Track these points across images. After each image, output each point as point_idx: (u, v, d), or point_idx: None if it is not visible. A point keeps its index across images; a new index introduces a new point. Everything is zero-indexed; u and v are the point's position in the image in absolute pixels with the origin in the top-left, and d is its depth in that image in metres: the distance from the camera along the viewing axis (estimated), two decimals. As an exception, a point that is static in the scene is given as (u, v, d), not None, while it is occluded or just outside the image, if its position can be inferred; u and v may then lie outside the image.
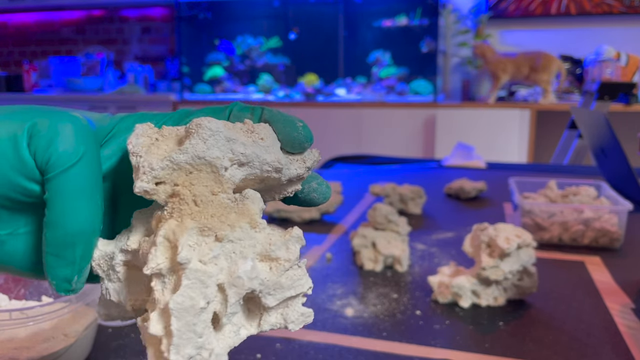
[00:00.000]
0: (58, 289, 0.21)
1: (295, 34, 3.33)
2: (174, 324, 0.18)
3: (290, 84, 3.34)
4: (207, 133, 0.20)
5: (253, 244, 0.20)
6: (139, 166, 0.20)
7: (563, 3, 2.89)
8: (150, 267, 0.19)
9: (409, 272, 0.68)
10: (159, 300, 0.19)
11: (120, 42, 3.73)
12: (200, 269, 0.19)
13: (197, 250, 0.19)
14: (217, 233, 0.20)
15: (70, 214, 0.20)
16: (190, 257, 0.19)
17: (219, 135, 0.20)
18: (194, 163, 0.20)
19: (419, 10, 3.10)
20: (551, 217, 0.79)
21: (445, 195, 1.10)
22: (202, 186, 0.20)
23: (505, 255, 0.56)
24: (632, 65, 2.62)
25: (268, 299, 0.21)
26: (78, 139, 0.20)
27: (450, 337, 0.51)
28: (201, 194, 0.20)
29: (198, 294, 0.19)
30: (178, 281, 0.19)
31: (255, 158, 0.21)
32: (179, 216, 0.20)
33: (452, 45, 3.11)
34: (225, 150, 0.20)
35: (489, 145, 2.61)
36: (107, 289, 0.22)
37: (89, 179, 0.20)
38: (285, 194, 0.24)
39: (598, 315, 0.55)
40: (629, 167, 0.95)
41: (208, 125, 0.20)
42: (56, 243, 0.20)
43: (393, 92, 3.07)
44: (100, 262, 0.21)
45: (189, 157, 0.20)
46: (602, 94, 1.96)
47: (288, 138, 0.22)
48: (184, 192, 0.20)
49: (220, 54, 3.41)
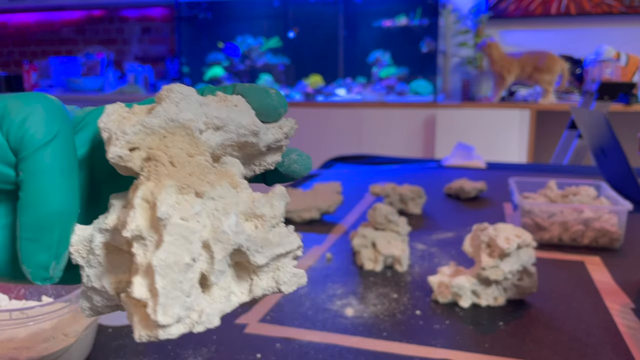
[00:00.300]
0: (34, 277, 0.20)
1: (295, 33, 3.33)
2: (159, 282, 0.18)
3: (290, 84, 3.34)
4: (178, 96, 0.20)
5: (235, 202, 0.20)
6: (111, 135, 0.19)
7: (563, 3, 2.89)
8: (130, 229, 0.18)
9: (409, 272, 0.68)
10: (140, 263, 0.18)
11: (121, 42, 3.73)
12: (182, 224, 0.18)
13: (177, 209, 0.19)
14: (197, 189, 0.19)
15: (46, 193, 0.19)
16: (171, 213, 0.18)
17: (190, 99, 0.20)
18: (167, 126, 0.20)
19: (419, 10, 3.10)
20: (551, 217, 0.79)
21: (445, 195, 1.10)
22: (177, 149, 0.20)
23: (505, 255, 0.56)
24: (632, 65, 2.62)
25: (257, 256, 0.20)
26: (52, 118, 0.20)
27: (450, 337, 0.51)
28: (177, 155, 0.20)
29: (182, 250, 0.18)
30: (160, 239, 0.18)
31: (230, 121, 0.21)
32: (156, 178, 0.19)
33: (452, 45, 3.11)
34: (198, 114, 0.20)
35: (489, 145, 2.61)
36: (88, 275, 0.20)
37: (64, 158, 0.20)
38: (266, 166, 0.23)
39: (598, 315, 0.55)
40: (628, 167, 0.95)
41: (179, 89, 0.20)
42: (32, 226, 0.19)
43: (393, 92, 3.07)
44: (79, 247, 0.20)
45: (162, 120, 0.19)
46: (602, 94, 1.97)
47: (262, 105, 0.22)
48: (159, 154, 0.20)
49: (220, 54, 3.41)
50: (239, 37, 3.40)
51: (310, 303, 0.59)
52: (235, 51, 3.33)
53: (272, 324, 0.54)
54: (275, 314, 0.56)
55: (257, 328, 0.53)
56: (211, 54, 3.43)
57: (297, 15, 3.36)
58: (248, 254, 0.20)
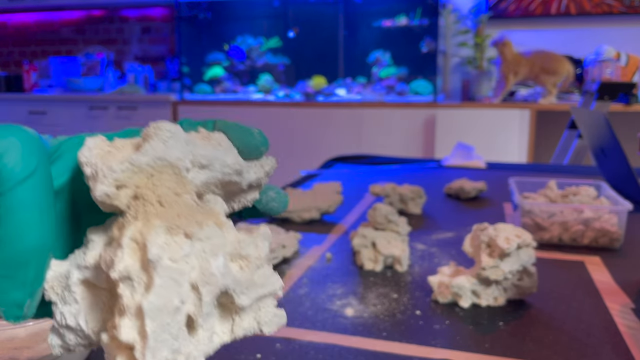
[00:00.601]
0: (7, 316, 0.19)
1: (295, 33, 3.33)
2: (149, 325, 0.17)
3: (290, 84, 3.34)
4: (166, 134, 0.20)
5: (222, 242, 0.20)
6: (97, 171, 0.19)
7: (563, 3, 2.89)
8: (118, 270, 0.18)
9: (409, 272, 0.68)
10: (128, 305, 0.18)
11: (120, 42, 3.74)
12: (172, 267, 0.18)
13: (166, 250, 0.18)
14: (186, 230, 0.19)
15: (22, 229, 0.19)
16: (161, 255, 0.18)
17: (178, 137, 0.20)
18: (155, 165, 0.19)
19: (419, 10, 3.11)
20: (551, 217, 0.79)
21: (445, 195, 1.10)
22: (165, 188, 0.20)
23: (505, 255, 0.56)
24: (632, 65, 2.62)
25: (242, 298, 0.20)
26: (29, 153, 0.19)
27: (450, 337, 0.51)
28: (165, 194, 0.20)
29: (172, 292, 0.18)
30: (149, 281, 0.18)
31: (215, 160, 0.21)
32: (144, 217, 0.19)
33: (452, 45, 3.11)
34: (185, 152, 0.20)
35: (489, 145, 2.61)
36: (62, 313, 0.20)
37: (42, 192, 0.19)
38: (245, 203, 0.23)
39: (598, 315, 0.55)
40: (628, 167, 0.95)
41: (167, 127, 0.20)
42: (7, 263, 0.19)
43: (393, 92, 3.07)
44: (54, 283, 0.20)
45: (150, 158, 0.19)
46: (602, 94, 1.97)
47: (244, 143, 0.22)
48: (147, 193, 0.19)
49: (220, 54, 3.41)
50: (239, 37, 3.40)
51: (310, 303, 0.59)
52: (240, 53, 3.33)
53: (272, 324, 0.54)
54: (275, 314, 0.56)
55: (257, 328, 0.53)
56: (211, 54, 3.43)
57: (297, 15, 3.36)
58: (234, 296, 0.20)
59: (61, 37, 3.83)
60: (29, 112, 3.38)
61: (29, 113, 3.38)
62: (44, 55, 3.83)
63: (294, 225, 0.88)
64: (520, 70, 2.64)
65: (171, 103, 3.15)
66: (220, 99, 3.15)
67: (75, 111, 3.28)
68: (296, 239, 0.75)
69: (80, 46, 3.78)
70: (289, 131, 2.96)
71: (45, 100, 3.36)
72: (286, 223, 0.89)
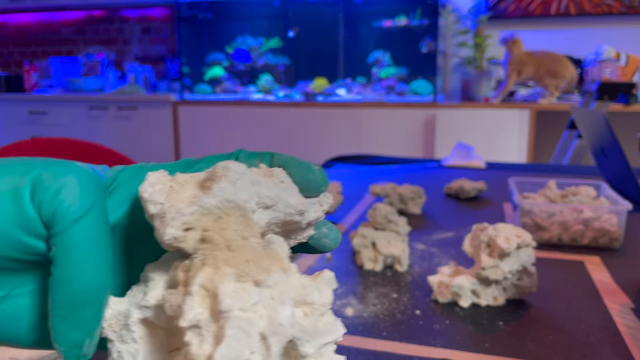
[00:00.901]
0: (67, 356, 0.19)
1: (295, 33, 3.34)
2: None
3: (290, 84, 3.34)
4: (234, 176, 0.19)
5: (288, 289, 0.19)
6: (164, 213, 0.19)
7: (563, 3, 2.89)
8: (188, 319, 0.18)
9: (408, 272, 0.68)
10: (197, 355, 0.18)
11: (121, 42, 3.74)
12: (243, 317, 0.18)
13: (237, 299, 0.18)
14: (255, 278, 0.19)
15: (80, 270, 0.18)
16: (233, 305, 0.18)
17: (245, 178, 0.20)
18: (223, 207, 0.19)
19: (419, 10, 3.11)
20: (551, 217, 0.79)
21: (445, 195, 1.10)
22: (232, 231, 0.19)
23: (505, 255, 0.56)
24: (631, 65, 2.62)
25: (306, 346, 0.19)
26: (85, 190, 0.19)
27: (450, 337, 0.51)
28: (233, 238, 0.19)
29: (243, 344, 0.17)
30: (220, 332, 0.18)
31: (279, 201, 0.20)
32: (213, 263, 0.19)
33: (452, 46, 3.11)
34: (252, 193, 0.20)
35: (489, 145, 2.62)
36: (120, 352, 0.20)
37: (98, 231, 0.19)
38: (300, 240, 0.23)
39: (598, 315, 0.55)
40: (628, 167, 0.95)
41: (235, 168, 0.19)
42: (66, 304, 0.18)
43: (393, 92, 3.07)
44: (112, 322, 0.20)
45: (218, 200, 0.19)
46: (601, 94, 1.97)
47: (304, 181, 0.22)
48: (215, 237, 0.19)
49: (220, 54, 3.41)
50: (239, 37, 3.40)
51: (310, 303, 0.59)
52: (245, 56, 3.32)
53: (273, 323, 0.54)
54: (275, 313, 0.56)
55: (257, 328, 0.53)
56: (211, 54, 3.43)
57: (297, 15, 3.37)
58: (298, 344, 0.19)
59: (61, 37, 3.83)
60: (29, 112, 3.38)
61: (29, 113, 3.38)
62: (45, 56, 3.83)
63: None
64: (525, 70, 2.63)
65: (171, 103, 3.15)
66: (221, 99, 3.15)
67: (75, 111, 3.29)
68: (296, 239, 0.75)
69: (80, 46, 3.78)
70: (289, 131, 2.96)
71: (45, 100, 3.36)
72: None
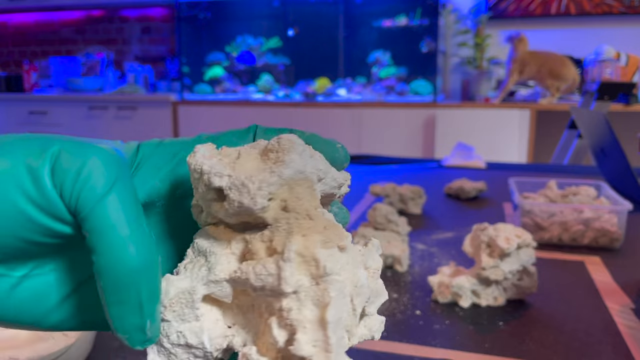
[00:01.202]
0: (132, 343, 0.18)
1: (295, 33, 3.33)
2: (332, 338, 0.17)
3: (290, 84, 3.34)
4: (299, 148, 0.20)
5: (356, 254, 0.20)
6: (244, 183, 0.19)
7: (563, 3, 2.89)
8: (291, 284, 0.18)
9: (409, 272, 0.68)
10: (297, 319, 0.18)
11: (120, 42, 3.74)
12: (339, 279, 0.18)
13: (332, 262, 0.18)
14: (339, 244, 0.19)
15: (119, 248, 0.17)
16: (334, 269, 0.18)
17: (307, 151, 0.20)
18: (296, 178, 0.19)
19: (419, 10, 3.11)
20: (551, 217, 0.79)
21: (445, 195, 1.10)
22: (307, 201, 0.20)
23: (505, 255, 0.56)
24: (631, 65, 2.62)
25: (371, 307, 0.20)
26: (108, 168, 0.18)
27: (450, 337, 0.51)
28: (310, 207, 0.20)
29: (342, 305, 0.18)
30: (323, 294, 0.18)
31: (327, 174, 0.21)
32: (299, 231, 0.19)
33: (452, 45, 3.11)
34: (313, 166, 0.20)
35: (489, 145, 2.61)
36: (181, 331, 0.19)
37: (128, 206, 0.18)
38: None
39: (598, 315, 0.55)
40: (628, 167, 0.95)
41: (298, 141, 0.20)
42: (116, 289, 0.18)
43: (393, 92, 3.07)
44: (173, 301, 0.19)
45: (293, 171, 0.19)
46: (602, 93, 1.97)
47: (329, 157, 0.22)
48: (297, 206, 0.19)
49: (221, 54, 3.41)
50: (238, 37, 3.40)
51: (310, 303, 0.59)
52: (251, 58, 3.32)
53: (272, 324, 0.54)
54: (275, 314, 0.56)
55: (257, 328, 0.53)
56: (211, 54, 3.43)
57: (297, 15, 3.37)
58: (366, 306, 0.20)
59: (61, 37, 3.83)
60: (29, 112, 3.38)
61: (29, 113, 3.38)
62: (44, 55, 3.83)
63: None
64: (527, 69, 2.62)
65: (171, 103, 3.15)
66: (220, 99, 3.15)
67: (75, 111, 3.28)
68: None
69: (80, 46, 3.78)
70: (289, 131, 2.96)
71: (45, 100, 3.36)
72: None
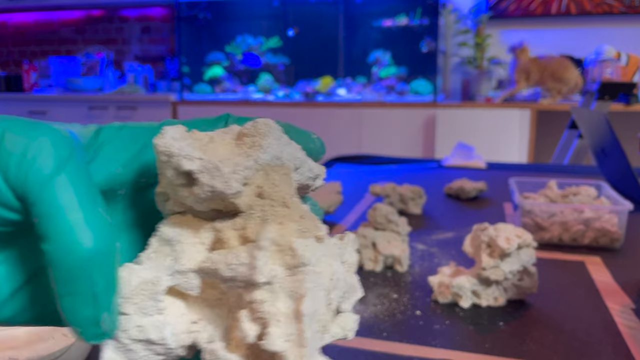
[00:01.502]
0: (86, 337, 0.17)
1: (295, 33, 3.33)
2: (307, 332, 0.16)
3: (290, 83, 3.34)
4: (277, 133, 0.19)
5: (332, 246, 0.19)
6: (217, 167, 0.17)
7: (563, 3, 2.89)
8: (265, 274, 0.17)
9: (409, 272, 0.68)
10: (270, 312, 0.17)
11: (120, 42, 3.74)
12: (317, 272, 0.17)
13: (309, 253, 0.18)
14: (316, 234, 0.18)
15: (71, 234, 0.16)
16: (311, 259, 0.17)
17: (284, 137, 0.19)
18: (272, 164, 0.18)
19: (419, 10, 3.10)
20: (551, 217, 0.79)
21: (445, 195, 1.10)
22: (283, 188, 0.19)
23: (506, 255, 0.56)
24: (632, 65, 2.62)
25: (346, 303, 0.19)
26: (58, 148, 0.16)
27: (450, 337, 0.51)
28: (286, 195, 0.19)
29: (318, 298, 0.17)
30: (299, 286, 0.17)
31: (304, 163, 0.20)
32: (275, 219, 0.18)
33: (452, 45, 3.11)
34: (290, 152, 0.19)
35: (489, 145, 2.61)
36: (141, 326, 0.17)
37: (81, 188, 0.16)
38: None
39: (598, 315, 0.55)
40: (629, 167, 0.95)
41: (275, 126, 0.19)
42: (68, 278, 0.16)
43: (393, 92, 3.07)
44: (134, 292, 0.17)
45: (270, 157, 0.18)
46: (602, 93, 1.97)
47: (306, 148, 0.21)
48: (273, 193, 0.18)
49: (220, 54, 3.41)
50: (238, 36, 3.40)
51: (310, 303, 0.59)
52: (256, 61, 3.31)
53: (272, 324, 0.54)
54: (275, 314, 0.56)
55: (257, 328, 0.53)
56: (211, 54, 3.43)
57: (297, 15, 3.36)
58: (341, 301, 0.19)
59: (61, 37, 3.83)
60: (29, 112, 3.38)
61: (28, 113, 3.37)
62: (44, 55, 3.83)
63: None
64: (531, 77, 2.62)
65: (171, 103, 3.15)
66: (220, 99, 3.15)
67: (75, 111, 3.28)
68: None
69: (80, 46, 3.78)
70: (289, 131, 2.96)
71: (45, 100, 3.36)
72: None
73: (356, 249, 0.21)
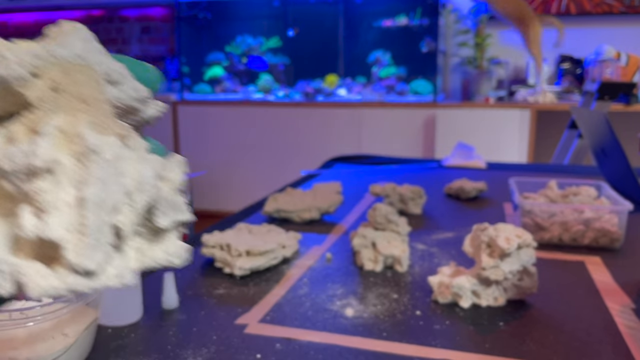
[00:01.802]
0: None
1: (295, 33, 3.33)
2: (90, 219, 0.15)
3: (290, 83, 3.34)
4: (84, 35, 0.18)
5: (146, 154, 0.18)
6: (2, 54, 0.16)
7: (563, 3, 2.89)
8: (42, 158, 0.16)
9: (409, 272, 0.68)
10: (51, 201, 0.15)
11: (120, 42, 3.73)
12: (113, 164, 0.16)
13: (104, 143, 0.16)
14: (118, 132, 0.17)
15: None
16: (103, 148, 0.16)
17: (95, 43, 0.18)
18: (74, 62, 0.17)
19: (419, 10, 3.10)
20: (551, 217, 0.79)
21: (445, 196, 1.10)
22: (86, 88, 0.18)
23: (506, 256, 0.56)
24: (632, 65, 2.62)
25: (163, 218, 0.18)
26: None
27: (450, 338, 0.51)
28: (88, 95, 0.17)
29: (112, 190, 0.16)
30: (86, 174, 0.16)
31: (126, 81, 0.19)
32: (68, 111, 0.17)
33: (452, 45, 3.11)
34: (101, 60, 0.18)
35: (489, 145, 2.61)
36: None
37: None
38: None
39: (598, 315, 0.55)
40: (629, 167, 0.95)
41: (85, 29, 0.18)
42: None
43: (393, 92, 3.07)
44: None
45: (69, 53, 0.17)
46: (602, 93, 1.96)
47: (141, 78, 0.21)
48: (69, 88, 0.17)
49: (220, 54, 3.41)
50: (238, 37, 3.40)
51: (310, 303, 0.59)
52: (262, 64, 3.31)
53: (272, 324, 0.54)
54: (275, 314, 0.56)
55: (257, 328, 0.53)
56: (211, 54, 3.43)
57: (297, 15, 3.36)
58: (156, 215, 0.18)
59: (61, 37, 3.82)
60: (29, 112, 3.37)
61: (28, 113, 3.37)
62: (44, 55, 3.82)
63: (294, 225, 0.88)
64: None
65: (171, 103, 3.14)
66: (220, 99, 3.15)
67: (75, 111, 3.28)
68: (296, 239, 0.75)
69: (80, 46, 3.78)
70: (289, 131, 2.96)
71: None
72: (286, 223, 0.89)
73: (183, 169, 0.20)
